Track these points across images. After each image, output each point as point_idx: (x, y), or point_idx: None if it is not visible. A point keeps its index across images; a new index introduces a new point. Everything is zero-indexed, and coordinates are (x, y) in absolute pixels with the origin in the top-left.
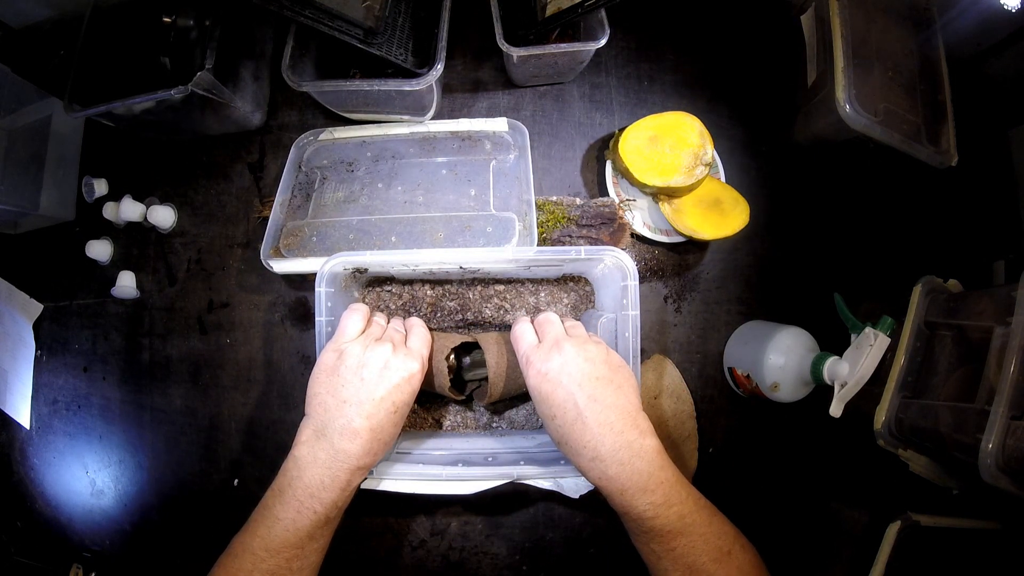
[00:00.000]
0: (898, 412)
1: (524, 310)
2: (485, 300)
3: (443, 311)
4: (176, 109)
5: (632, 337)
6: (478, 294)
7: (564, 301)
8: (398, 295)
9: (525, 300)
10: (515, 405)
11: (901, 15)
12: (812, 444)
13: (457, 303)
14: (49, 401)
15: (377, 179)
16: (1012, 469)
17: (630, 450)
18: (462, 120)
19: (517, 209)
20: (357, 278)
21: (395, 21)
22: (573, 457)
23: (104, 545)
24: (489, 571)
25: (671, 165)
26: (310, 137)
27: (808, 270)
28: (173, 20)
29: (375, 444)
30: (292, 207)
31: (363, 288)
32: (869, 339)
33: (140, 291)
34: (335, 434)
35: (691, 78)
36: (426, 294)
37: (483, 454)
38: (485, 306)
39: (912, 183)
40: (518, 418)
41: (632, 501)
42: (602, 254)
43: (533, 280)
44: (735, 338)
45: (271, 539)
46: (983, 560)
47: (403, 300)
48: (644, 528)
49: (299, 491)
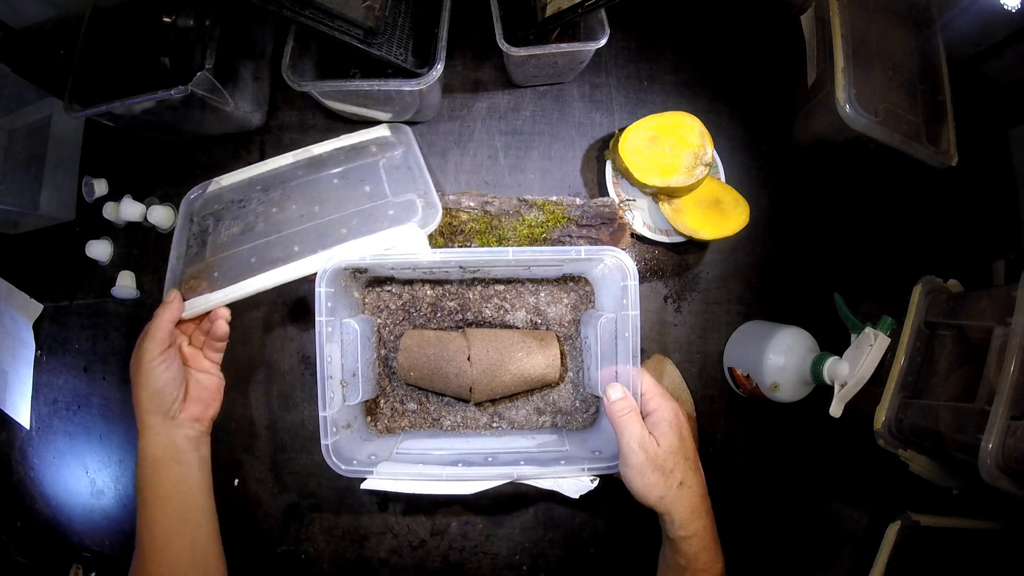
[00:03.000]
0: (898, 412)
1: (524, 309)
2: (485, 300)
3: (443, 311)
4: (176, 109)
5: (632, 337)
6: (478, 294)
7: (564, 301)
8: (398, 295)
9: (525, 300)
10: (515, 405)
11: (901, 15)
12: (812, 444)
13: (457, 303)
14: (49, 401)
15: (270, 206)
16: (1012, 469)
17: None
18: (343, 136)
19: (415, 189)
20: (357, 278)
21: (395, 21)
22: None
23: (104, 545)
24: (489, 571)
25: (671, 165)
26: (198, 191)
27: (808, 270)
28: (173, 20)
29: None
30: (188, 256)
31: (363, 288)
32: (869, 339)
33: (140, 291)
34: None
35: (691, 78)
36: (426, 294)
37: (483, 454)
38: (485, 306)
39: (912, 183)
40: (518, 418)
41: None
42: (602, 254)
43: (533, 280)
44: (735, 338)
45: None
46: (983, 560)
47: (403, 300)
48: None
49: None
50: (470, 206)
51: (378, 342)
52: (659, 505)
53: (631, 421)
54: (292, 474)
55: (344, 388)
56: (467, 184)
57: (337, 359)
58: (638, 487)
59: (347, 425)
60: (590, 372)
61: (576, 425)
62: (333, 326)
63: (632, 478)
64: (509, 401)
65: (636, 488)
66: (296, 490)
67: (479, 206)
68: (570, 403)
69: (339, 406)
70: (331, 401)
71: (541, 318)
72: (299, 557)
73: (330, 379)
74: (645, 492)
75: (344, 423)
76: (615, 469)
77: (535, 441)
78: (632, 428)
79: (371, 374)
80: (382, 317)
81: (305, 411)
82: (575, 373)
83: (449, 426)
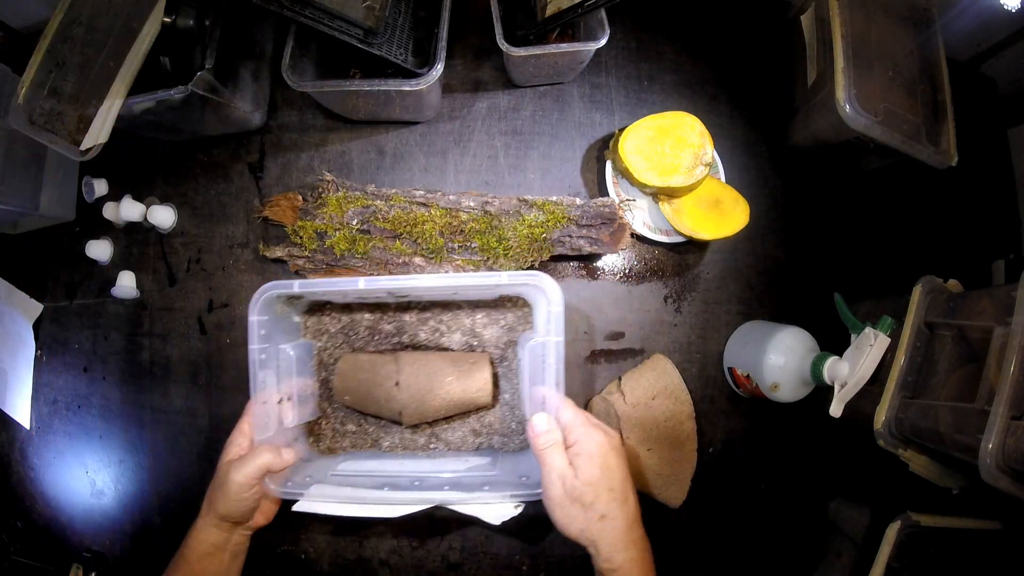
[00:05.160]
0: (898, 412)
1: (460, 331)
2: (421, 323)
3: (380, 334)
4: (176, 109)
5: (555, 364)
6: (415, 317)
7: (501, 323)
8: (338, 319)
9: (461, 322)
10: (452, 426)
11: (901, 15)
12: (812, 444)
13: (394, 326)
14: (49, 401)
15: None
16: (1012, 469)
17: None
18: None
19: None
20: (294, 304)
21: (395, 21)
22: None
23: (104, 545)
24: (489, 571)
25: (671, 165)
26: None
27: (808, 270)
28: (173, 20)
29: None
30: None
31: (303, 314)
32: (869, 339)
33: (140, 291)
34: None
35: (691, 78)
36: (364, 318)
37: (412, 477)
38: (421, 329)
39: (912, 183)
40: (454, 440)
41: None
42: (527, 279)
43: (470, 302)
44: (735, 338)
45: None
46: (983, 560)
47: (342, 324)
48: None
49: None
50: (470, 206)
51: (319, 365)
52: (580, 538)
53: (551, 454)
54: None
55: (281, 411)
56: (467, 184)
57: (273, 383)
58: (558, 519)
59: (287, 445)
60: (523, 396)
61: (512, 447)
62: (268, 352)
63: (552, 510)
64: (446, 423)
65: (556, 520)
66: None
67: (479, 206)
68: (506, 425)
69: (275, 429)
70: (266, 425)
71: (477, 340)
72: (299, 557)
73: (264, 404)
74: (565, 524)
75: (284, 444)
76: (540, 495)
77: (467, 464)
78: (552, 460)
79: (309, 397)
80: (322, 341)
81: None
82: (511, 395)
83: (388, 447)
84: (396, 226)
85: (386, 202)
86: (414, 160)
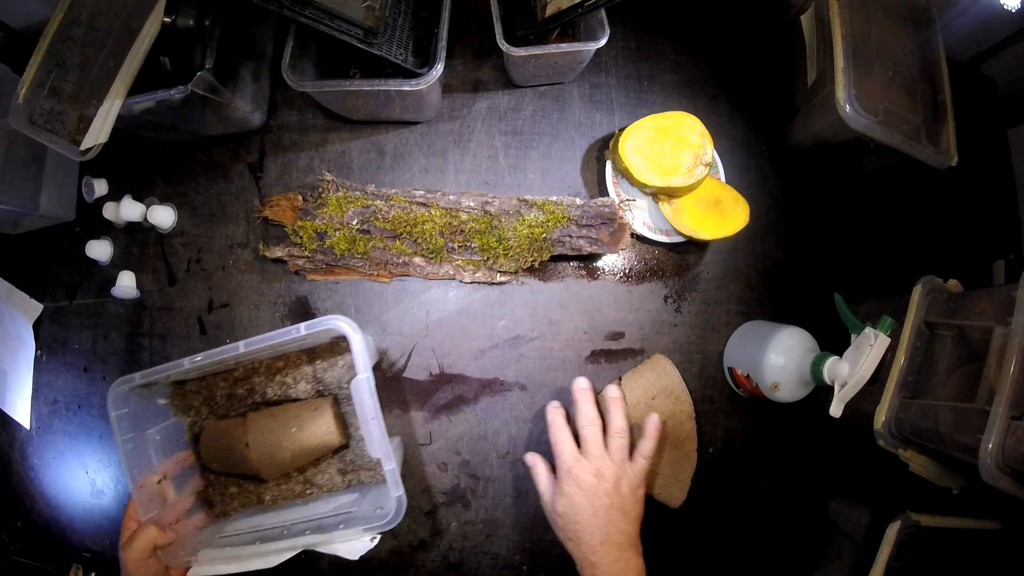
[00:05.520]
0: (898, 412)
1: (304, 380)
2: (269, 380)
3: (236, 399)
4: (176, 109)
5: (368, 399)
6: (263, 376)
7: (340, 364)
8: (198, 393)
9: (304, 371)
10: (319, 470)
11: (901, 15)
12: (812, 444)
13: (245, 389)
14: (49, 401)
15: None
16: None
17: (626, 563)
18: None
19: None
20: (154, 389)
21: (395, 21)
22: (575, 547)
23: (104, 545)
24: (489, 571)
25: (671, 165)
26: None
27: (808, 270)
28: (173, 20)
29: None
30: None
31: (168, 395)
32: (869, 339)
33: (140, 291)
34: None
35: (691, 78)
36: (220, 386)
37: (282, 527)
38: (269, 386)
39: (912, 183)
40: (324, 482)
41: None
42: (323, 325)
43: (307, 351)
44: (735, 338)
45: None
46: (983, 560)
47: (203, 396)
48: None
49: None
50: (470, 206)
51: (192, 439)
52: None
53: (535, 475)
54: None
55: (162, 490)
56: (467, 184)
57: (148, 466)
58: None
59: (177, 520)
60: (364, 432)
61: (379, 478)
62: (136, 440)
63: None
64: (315, 467)
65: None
66: None
67: (479, 206)
68: (367, 459)
69: (160, 507)
70: (150, 506)
71: (322, 385)
72: (299, 557)
73: (142, 488)
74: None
75: (174, 519)
76: (390, 526)
77: (334, 504)
78: (537, 482)
79: (189, 470)
80: (191, 415)
81: None
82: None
83: (269, 500)
84: (396, 226)
85: (386, 202)
86: (414, 160)
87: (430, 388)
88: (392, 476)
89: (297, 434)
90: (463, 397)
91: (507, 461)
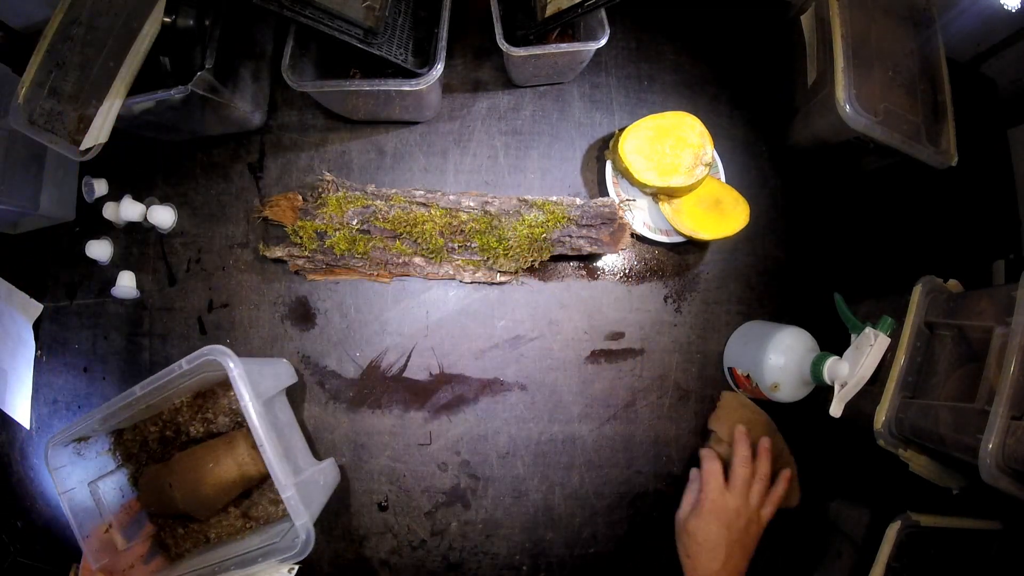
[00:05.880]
0: (898, 412)
1: (223, 414)
2: (192, 418)
3: (167, 441)
4: (176, 109)
5: (258, 426)
6: (185, 415)
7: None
8: (134, 440)
9: (221, 404)
10: (253, 502)
11: (901, 15)
12: (812, 444)
13: (172, 431)
14: (49, 401)
15: None
16: (1012, 469)
17: None
18: None
19: None
20: (89, 441)
21: (395, 21)
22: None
23: None
24: (489, 571)
25: (671, 165)
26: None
27: (808, 270)
28: (173, 20)
29: None
30: None
31: (110, 445)
32: (869, 339)
33: (140, 291)
34: None
35: (691, 78)
36: (150, 430)
37: (213, 565)
38: (191, 424)
39: (912, 183)
40: (261, 513)
41: None
42: (202, 356)
43: (220, 383)
44: (735, 338)
45: None
46: (983, 560)
47: (138, 441)
48: None
49: None
50: (470, 206)
51: (135, 484)
52: None
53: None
54: None
55: (111, 539)
56: (467, 184)
57: (94, 517)
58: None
59: (131, 566)
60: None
61: None
62: (77, 492)
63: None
64: (250, 501)
65: None
66: None
67: (479, 206)
68: None
69: (111, 555)
70: (99, 555)
71: (240, 417)
72: None
73: (88, 538)
74: None
75: (127, 565)
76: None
77: (263, 536)
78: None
79: (137, 516)
80: (132, 463)
81: (306, 411)
82: None
83: (214, 537)
84: (396, 226)
85: (386, 202)
86: (414, 160)
87: (430, 388)
88: (291, 504)
89: (214, 469)
90: (463, 397)
91: (507, 461)
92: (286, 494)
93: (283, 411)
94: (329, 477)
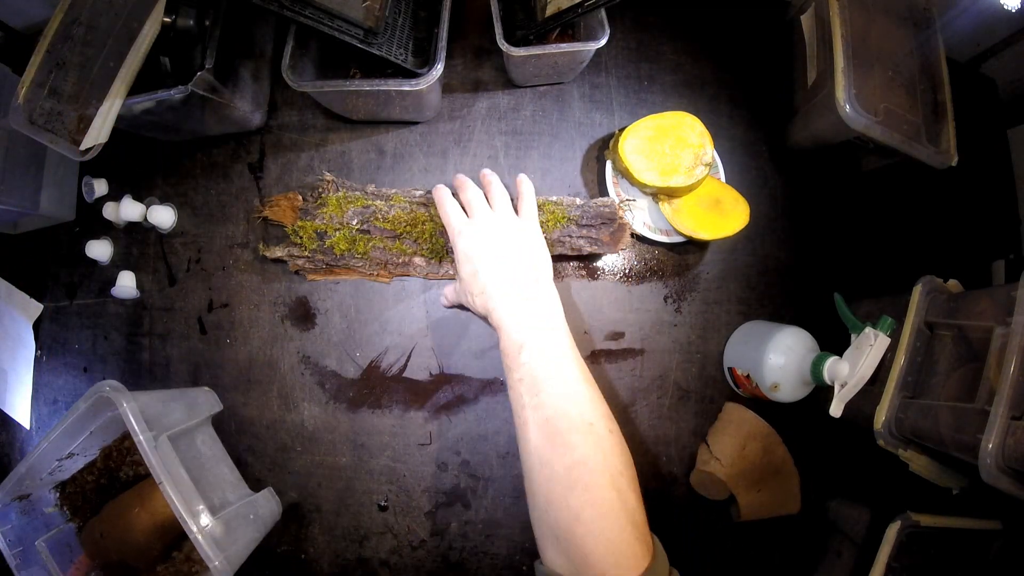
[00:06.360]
0: (898, 412)
1: None
2: (122, 462)
3: (103, 490)
4: (176, 109)
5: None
6: (116, 459)
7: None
8: (77, 492)
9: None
10: None
11: (901, 15)
12: (812, 444)
13: (107, 477)
14: (49, 401)
15: None
16: (1012, 469)
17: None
18: None
19: None
20: (32, 499)
21: (395, 21)
22: (484, 299)
23: None
24: (489, 571)
25: (671, 165)
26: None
27: (808, 270)
28: (173, 20)
29: None
30: None
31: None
32: (869, 339)
33: (140, 291)
34: None
35: (691, 78)
36: (87, 481)
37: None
38: (122, 468)
39: (912, 183)
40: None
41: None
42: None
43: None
44: (735, 338)
45: None
46: (983, 560)
47: (81, 495)
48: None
49: None
50: None
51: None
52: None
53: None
54: (292, 474)
55: None
56: None
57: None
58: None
59: None
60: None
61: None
62: (26, 553)
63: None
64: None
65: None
66: (296, 490)
67: None
68: None
69: None
70: None
71: None
72: (299, 557)
73: None
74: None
75: None
76: None
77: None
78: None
79: (92, 570)
80: (79, 517)
81: (306, 411)
82: None
83: None
84: (396, 226)
85: (386, 202)
86: (414, 160)
87: (430, 388)
88: (199, 544)
89: (140, 514)
90: (463, 397)
91: (507, 461)
92: (191, 532)
93: (206, 443)
94: (263, 509)
